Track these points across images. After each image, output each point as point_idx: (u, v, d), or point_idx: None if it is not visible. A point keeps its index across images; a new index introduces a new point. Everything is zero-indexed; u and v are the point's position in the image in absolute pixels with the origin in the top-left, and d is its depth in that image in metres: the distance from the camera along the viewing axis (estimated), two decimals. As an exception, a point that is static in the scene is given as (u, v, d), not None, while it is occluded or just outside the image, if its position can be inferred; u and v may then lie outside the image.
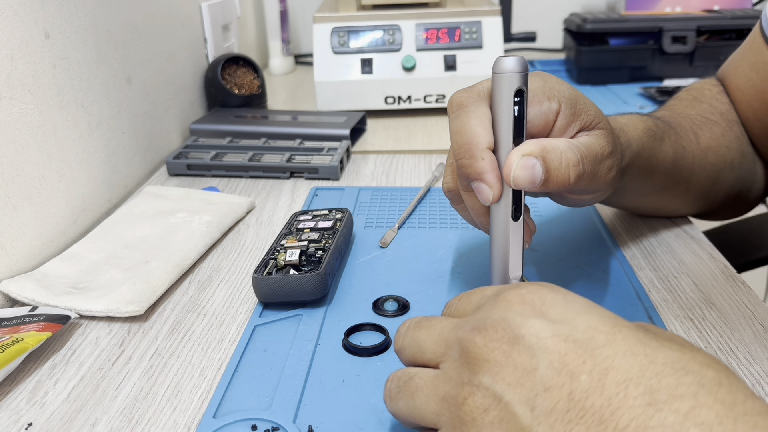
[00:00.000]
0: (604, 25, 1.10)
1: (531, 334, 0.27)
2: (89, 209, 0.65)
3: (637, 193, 0.54)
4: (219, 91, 0.93)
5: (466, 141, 0.38)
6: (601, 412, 0.24)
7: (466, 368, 0.28)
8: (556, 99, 0.39)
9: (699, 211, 0.62)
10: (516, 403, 0.26)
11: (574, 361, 0.25)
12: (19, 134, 0.54)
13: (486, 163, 0.37)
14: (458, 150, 0.38)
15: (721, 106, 0.62)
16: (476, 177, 0.38)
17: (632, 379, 0.24)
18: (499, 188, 0.38)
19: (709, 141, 0.57)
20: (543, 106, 0.39)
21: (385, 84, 0.95)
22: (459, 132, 0.38)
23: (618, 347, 0.25)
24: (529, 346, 0.26)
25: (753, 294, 0.49)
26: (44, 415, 0.39)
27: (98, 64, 0.67)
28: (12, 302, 0.51)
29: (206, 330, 0.47)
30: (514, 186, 0.37)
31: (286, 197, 0.70)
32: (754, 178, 0.63)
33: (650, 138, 0.49)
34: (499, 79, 0.37)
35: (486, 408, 0.26)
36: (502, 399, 0.26)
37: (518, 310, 0.28)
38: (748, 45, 0.62)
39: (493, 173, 0.37)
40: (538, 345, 0.26)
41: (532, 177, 0.37)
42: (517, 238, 0.39)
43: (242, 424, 0.37)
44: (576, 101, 0.40)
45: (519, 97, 0.37)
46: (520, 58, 0.37)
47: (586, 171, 0.38)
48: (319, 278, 0.47)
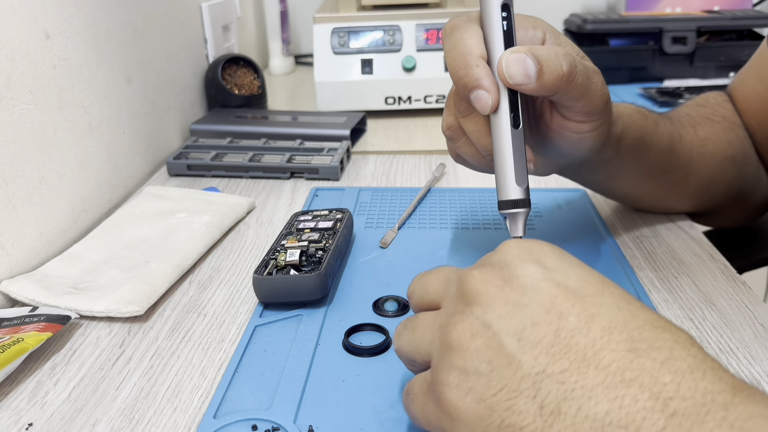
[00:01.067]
0: (605, 26, 1.10)
1: (525, 275, 0.29)
2: (89, 209, 0.65)
3: (637, 174, 0.54)
4: (219, 91, 0.93)
5: (460, 53, 0.40)
6: (585, 351, 0.26)
7: (461, 300, 0.30)
8: (540, 28, 0.42)
9: (701, 207, 0.62)
10: (504, 332, 0.27)
11: (564, 303, 0.27)
12: (19, 135, 0.54)
13: (481, 69, 0.39)
14: (454, 63, 0.40)
15: (724, 111, 0.62)
16: (474, 84, 0.39)
17: (616, 327, 0.26)
18: (497, 93, 0.39)
19: (708, 134, 0.58)
20: (528, 32, 0.42)
21: (386, 84, 0.95)
22: (453, 47, 0.40)
23: (606, 299, 0.27)
24: (522, 284, 0.28)
25: (753, 294, 0.50)
26: (45, 415, 0.39)
27: (98, 64, 0.67)
28: (12, 302, 0.51)
29: (206, 330, 0.47)
30: (510, 81, 0.39)
31: (287, 197, 0.70)
32: (757, 182, 0.63)
33: (641, 116, 0.51)
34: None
35: (474, 334, 0.28)
36: (491, 327, 0.28)
37: (516, 254, 0.30)
38: (756, 57, 0.63)
39: (489, 78, 0.39)
40: (531, 285, 0.28)
41: (525, 69, 0.38)
42: (519, 146, 0.40)
43: (243, 424, 0.37)
44: (559, 35, 0.43)
45: (506, 11, 0.40)
46: None
47: (578, 65, 0.40)
48: (319, 278, 0.47)
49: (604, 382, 0.25)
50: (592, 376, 0.25)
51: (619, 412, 0.24)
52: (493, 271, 0.30)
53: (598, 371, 0.25)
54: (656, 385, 0.24)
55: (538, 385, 0.26)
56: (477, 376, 0.27)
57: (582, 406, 0.25)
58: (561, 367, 0.26)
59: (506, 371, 0.27)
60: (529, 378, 0.26)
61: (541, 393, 0.26)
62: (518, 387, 0.26)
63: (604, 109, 0.43)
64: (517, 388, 0.26)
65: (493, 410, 0.26)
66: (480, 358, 0.27)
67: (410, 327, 0.33)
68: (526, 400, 0.26)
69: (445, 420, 0.28)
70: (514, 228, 0.41)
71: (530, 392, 0.26)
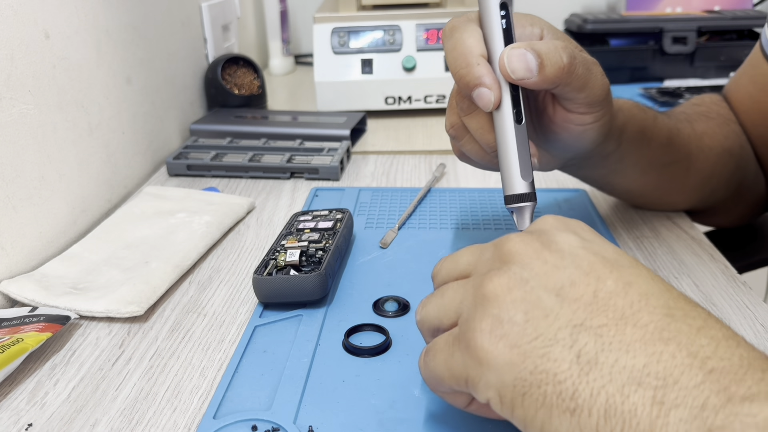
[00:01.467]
0: (605, 26, 1.10)
1: (564, 242, 0.29)
2: (89, 210, 0.65)
3: (638, 168, 0.54)
4: (219, 91, 0.93)
5: (460, 53, 0.40)
6: (623, 311, 0.26)
7: (497, 260, 0.30)
8: (538, 25, 0.43)
9: (702, 203, 0.62)
10: (542, 288, 0.27)
11: (602, 269, 0.28)
12: (18, 135, 0.54)
13: (482, 67, 0.40)
14: (455, 62, 0.41)
15: (719, 109, 0.63)
16: (475, 82, 0.40)
17: (653, 293, 0.27)
18: (498, 90, 0.40)
19: (705, 129, 0.59)
20: (527, 30, 0.43)
21: (386, 84, 0.95)
22: (454, 47, 0.41)
23: (641, 271, 0.28)
24: (561, 250, 0.29)
25: (753, 295, 0.49)
26: (44, 416, 0.39)
27: (98, 64, 0.66)
28: (12, 303, 0.51)
29: (206, 330, 0.47)
30: (512, 75, 0.39)
31: (287, 198, 0.70)
32: (756, 178, 0.64)
33: (640, 111, 0.51)
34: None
35: (510, 287, 0.28)
36: (528, 282, 0.28)
37: (554, 224, 0.31)
38: (749, 60, 0.64)
39: (490, 76, 0.40)
40: (570, 251, 0.29)
41: (527, 64, 0.39)
42: (523, 141, 0.41)
43: (242, 424, 0.37)
44: (557, 32, 0.43)
45: (504, 10, 0.40)
46: None
47: (577, 57, 0.40)
48: (319, 279, 0.47)
49: (642, 338, 0.25)
50: (630, 332, 0.25)
51: (657, 365, 0.24)
52: (532, 236, 0.30)
53: (636, 329, 0.25)
54: (693, 345, 0.25)
55: (576, 336, 0.26)
56: (512, 325, 0.27)
57: (620, 358, 0.25)
58: (599, 322, 0.26)
59: (543, 322, 0.27)
60: (567, 329, 0.26)
61: (578, 343, 0.26)
62: (555, 336, 0.26)
63: (605, 99, 0.43)
64: (554, 337, 0.26)
65: (526, 356, 0.26)
66: (516, 309, 0.27)
67: (438, 294, 0.33)
68: (563, 348, 0.26)
69: (472, 366, 0.28)
70: (521, 222, 0.42)
71: (567, 342, 0.26)
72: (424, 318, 0.33)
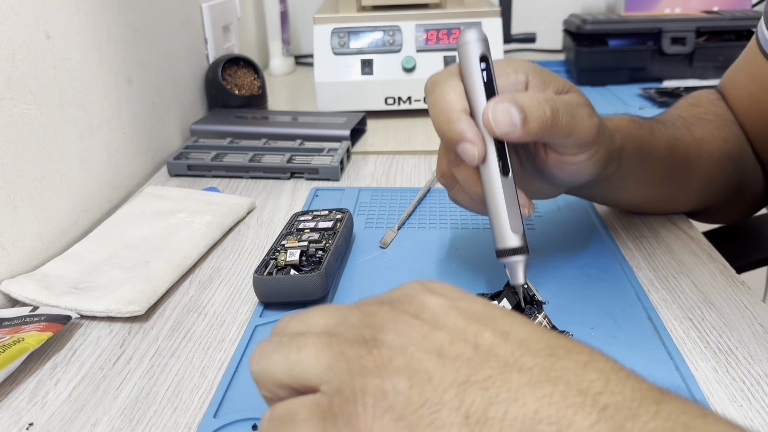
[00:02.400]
0: (604, 26, 1.10)
1: (434, 305, 0.28)
2: (90, 210, 0.65)
3: (639, 182, 0.54)
4: (219, 91, 0.93)
5: (442, 109, 0.40)
6: (506, 359, 0.25)
7: (370, 329, 0.28)
8: (522, 71, 0.42)
9: (702, 206, 0.62)
10: (422, 351, 0.26)
11: (476, 324, 0.27)
12: (19, 135, 0.54)
13: (464, 122, 0.39)
14: (437, 119, 0.40)
15: (717, 109, 0.62)
16: (458, 138, 0.39)
17: (533, 338, 0.26)
18: (482, 144, 0.40)
19: (704, 134, 0.58)
20: (510, 78, 0.42)
21: (386, 85, 0.95)
22: (435, 103, 0.41)
23: (515, 319, 0.28)
24: (434, 313, 0.28)
25: (752, 294, 0.50)
26: (45, 415, 0.39)
27: (99, 64, 0.67)
28: (13, 302, 0.51)
29: (207, 330, 0.47)
30: (496, 130, 0.39)
31: (287, 198, 0.70)
32: (755, 177, 0.64)
33: (637, 126, 0.51)
34: (464, 49, 0.40)
35: (390, 357, 0.26)
36: (407, 349, 0.26)
37: (419, 289, 0.30)
38: (745, 56, 0.63)
39: (473, 130, 0.39)
40: (442, 312, 0.28)
41: (511, 119, 0.39)
42: (510, 193, 0.41)
43: (243, 423, 0.37)
44: (542, 72, 0.42)
45: (484, 62, 0.40)
46: (478, 28, 0.41)
47: (561, 108, 0.40)
48: (319, 278, 0.47)
49: (529, 382, 0.24)
50: (516, 379, 0.25)
51: (548, 409, 0.23)
52: (402, 305, 0.28)
53: (521, 374, 0.25)
54: (583, 382, 0.24)
55: (462, 395, 0.25)
56: (396, 394, 0.25)
57: (509, 408, 0.24)
58: (484, 375, 0.25)
59: (427, 386, 0.25)
60: (452, 390, 0.25)
61: (465, 403, 0.24)
62: (441, 400, 0.25)
63: (595, 138, 0.43)
64: (440, 401, 0.25)
65: (413, 428, 0.24)
66: (399, 376, 0.25)
67: (290, 345, 0.28)
68: (450, 412, 0.24)
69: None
70: (515, 276, 0.41)
71: (454, 403, 0.25)
72: (267, 370, 0.29)
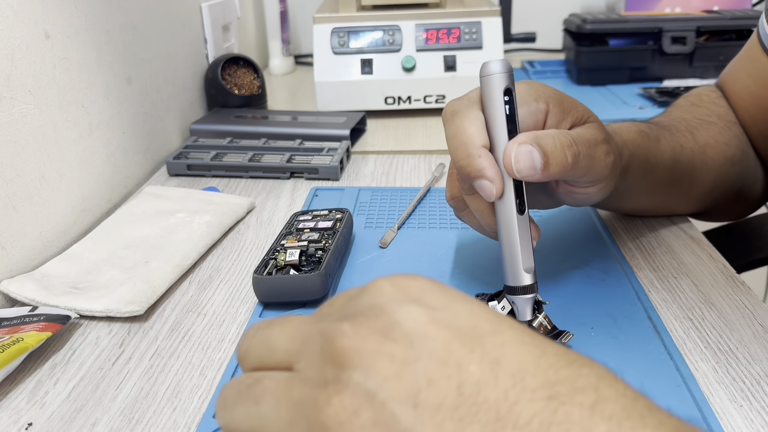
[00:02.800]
0: (604, 26, 1.10)
1: (408, 320, 0.23)
2: (89, 209, 0.65)
3: (642, 192, 0.54)
4: (219, 91, 0.93)
5: (462, 142, 0.39)
6: (497, 407, 0.21)
7: (330, 364, 0.23)
8: (543, 99, 0.41)
9: (703, 209, 0.62)
10: (394, 401, 0.21)
11: (461, 350, 0.22)
12: (19, 134, 0.54)
13: (484, 159, 0.38)
14: (455, 152, 0.39)
15: (718, 109, 0.62)
16: (477, 175, 0.38)
17: (528, 369, 0.22)
18: (501, 182, 0.38)
19: (707, 138, 0.58)
20: (531, 107, 0.40)
21: (385, 84, 0.95)
22: (454, 135, 0.39)
23: (506, 336, 0.23)
24: (407, 333, 0.22)
25: (752, 294, 0.50)
26: (44, 415, 0.39)
27: (98, 64, 0.67)
28: (12, 302, 0.51)
29: (206, 330, 0.47)
30: (517, 174, 0.38)
31: (286, 197, 0.70)
32: (756, 177, 0.64)
33: (644, 138, 0.50)
34: (488, 81, 0.39)
35: (356, 409, 0.21)
36: (376, 397, 0.21)
37: (391, 295, 0.24)
38: (746, 53, 0.63)
39: (492, 168, 0.38)
40: (418, 332, 0.22)
41: (532, 162, 0.38)
42: (525, 231, 0.40)
43: (242, 423, 0.37)
44: (563, 100, 0.41)
45: (508, 95, 0.39)
46: (504, 60, 0.39)
47: (582, 152, 0.40)
48: (319, 278, 0.47)
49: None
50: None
51: None
52: (368, 321, 0.23)
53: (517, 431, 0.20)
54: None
55: None
56: None
57: None
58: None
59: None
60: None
61: None
62: None
63: (609, 174, 0.43)
64: None
65: None
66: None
67: (250, 396, 0.24)
68: None
69: None
70: (523, 312, 0.41)
71: None
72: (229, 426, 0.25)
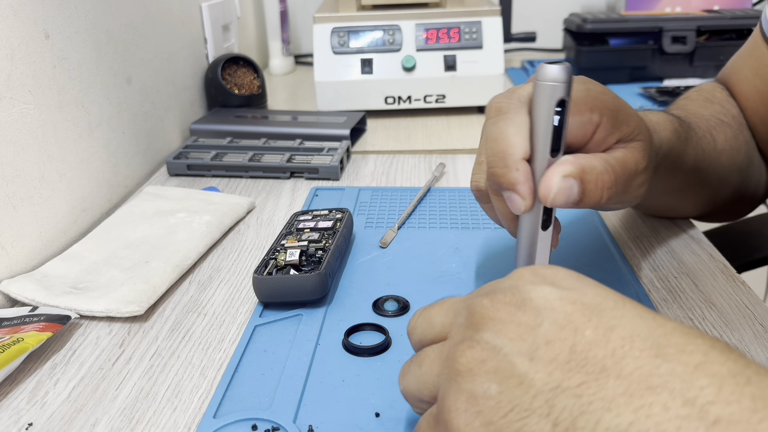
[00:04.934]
0: (604, 25, 1.10)
1: (539, 297, 0.27)
2: (89, 209, 0.65)
3: (657, 193, 0.53)
4: (219, 91, 0.93)
5: (501, 149, 0.37)
6: (604, 362, 0.23)
7: (470, 328, 0.28)
8: (598, 111, 0.38)
9: (704, 212, 0.62)
10: (515, 354, 0.25)
11: (580, 319, 0.25)
12: (19, 134, 0.54)
13: (520, 174, 0.36)
14: (493, 158, 0.37)
15: (732, 108, 0.61)
16: (509, 187, 0.37)
17: (639, 335, 0.24)
18: (532, 200, 0.37)
19: (724, 144, 0.57)
20: (584, 117, 0.38)
21: (385, 84, 0.95)
22: (495, 139, 0.37)
23: (627, 311, 0.25)
24: (536, 307, 0.26)
25: (753, 294, 0.50)
26: (44, 415, 0.39)
27: (98, 64, 0.67)
28: (12, 302, 0.51)
29: (206, 330, 0.47)
30: (551, 205, 0.36)
31: (286, 197, 0.70)
32: (759, 181, 0.63)
33: (678, 139, 0.49)
34: (542, 87, 0.35)
35: (483, 359, 0.26)
36: (501, 351, 0.26)
37: (529, 278, 0.28)
38: (749, 50, 0.62)
39: (527, 185, 0.36)
40: (545, 306, 0.26)
41: (568, 197, 0.36)
42: (544, 246, 0.39)
43: (242, 424, 0.37)
44: (618, 113, 0.39)
45: (561, 107, 0.35)
46: (566, 66, 0.35)
47: (619, 191, 0.38)
48: (319, 278, 0.47)
49: (627, 391, 0.22)
50: (612, 386, 0.23)
51: (646, 422, 0.21)
52: (505, 297, 0.27)
53: (619, 380, 0.23)
54: (691, 389, 0.21)
55: (552, 401, 0.24)
56: (486, 399, 0.25)
57: (601, 418, 0.22)
58: (578, 381, 0.23)
59: (517, 391, 0.24)
60: (543, 395, 0.24)
61: (555, 410, 0.23)
62: (530, 406, 0.24)
63: (636, 201, 0.42)
64: (529, 407, 0.24)
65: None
66: (490, 381, 0.25)
67: (416, 362, 0.31)
68: (539, 419, 0.24)
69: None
70: None
71: (543, 410, 0.24)
72: (406, 389, 0.31)
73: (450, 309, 0.31)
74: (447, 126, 0.92)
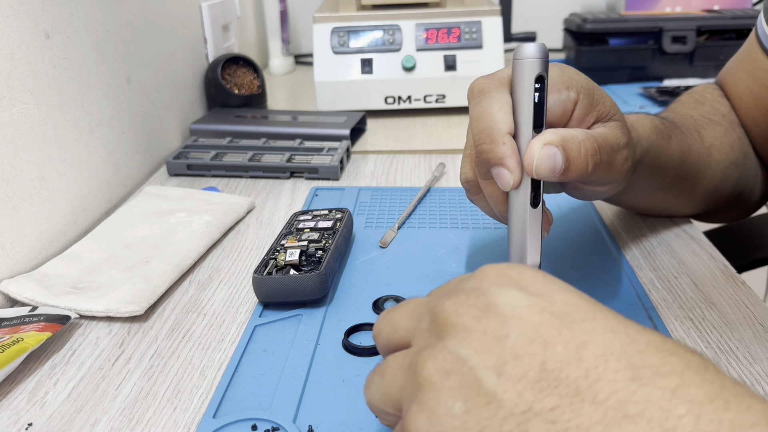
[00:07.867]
0: (604, 25, 1.10)
1: (505, 303, 0.25)
2: (89, 209, 0.65)
3: (647, 190, 0.54)
4: (219, 91, 0.93)
5: (487, 126, 0.38)
6: (577, 384, 0.22)
7: (433, 334, 0.26)
8: (574, 89, 0.40)
9: (703, 211, 0.62)
10: (481, 368, 0.24)
11: (549, 332, 0.24)
12: (19, 134, 0.54)
13: (507, 147, 0.37)
14: (479, 135, 0.38)
15: (722, 108, 0.62)
16: (497, 162, 0.38)
17: (612, 353, 0.23)
18: (520, 173, 0.38)
19: (713, 140, 0.58)
20: (562, 95, 0.39)
21: (385, 84, 0.95)
22: (480, 117, 0.38)
23: (598, 324, 0.24)
24: (502, 314, 0.25)
25: (753, 294, 0.50)
26: (44, 415, 0.39)
27: (98, 64, 0.67)
28: (12, 302, 0.51)
29: (206, 330, 0.47)
30: (536, 175, 0.37)
31: (286, 197, 0.70)
32: (756, 179, 0.64)
33: (658, 135, 0.50)
34: (520, 65, 0.37)
35: (447, 371, 0.24)
36: (466, 363, 0.24)
37: (494, 280, 0.27)
38: (745, 52, 0.62)
39: (514, 158, 0.37)
40: (512, 313, 0.25)
41: (553, 166, 0.37)
42: (535, 225, 0.40)
43: (242, 424, 0.37)
44: (593, 92, 0.41)
45: (540, 83, 0.37)
46: (541, 44, 0.37)
47: (603, 160, 0.39)
48: (319, 278, 0.47)
49: (603, 419, 0.21)
50: (588, 412, 0.21)
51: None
52: (468, 300, 0.26)
53: (595, 406, 0.21)
54: (669, 419, 0.20)
55: (525, 425, 0.22)
56: (449, 419, 0.23)
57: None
58: (550, 404, 0.22)
59: (485, 411, 0.23)
60: (513, 418, 0.22)
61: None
62: (500, 429, 0.22)
63: (624, 178, 0.42)
64: (499, 431, 0.22)
65: None
66: (454, 398, 0.23)
67: (379, 372, 0.28)
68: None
69: None
70: None
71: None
72: (370, 402, 0.29)
73: (413, 312, 0.29)
74: (447, 126, 0.92)
